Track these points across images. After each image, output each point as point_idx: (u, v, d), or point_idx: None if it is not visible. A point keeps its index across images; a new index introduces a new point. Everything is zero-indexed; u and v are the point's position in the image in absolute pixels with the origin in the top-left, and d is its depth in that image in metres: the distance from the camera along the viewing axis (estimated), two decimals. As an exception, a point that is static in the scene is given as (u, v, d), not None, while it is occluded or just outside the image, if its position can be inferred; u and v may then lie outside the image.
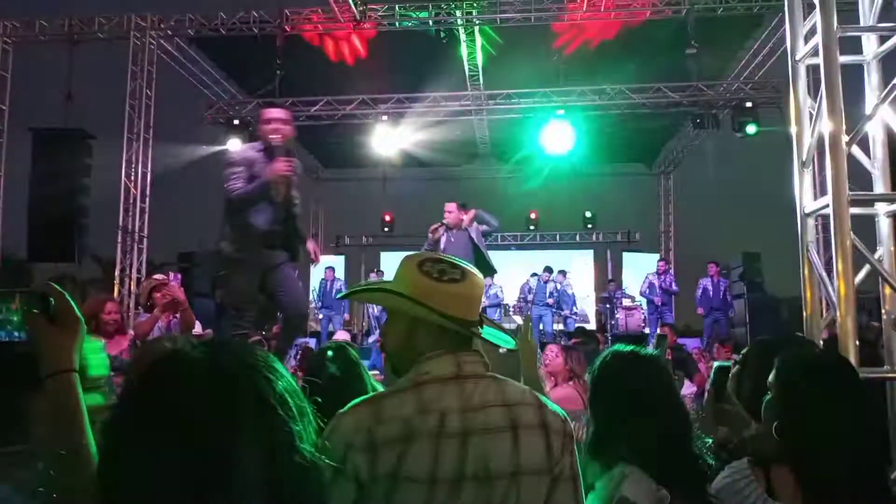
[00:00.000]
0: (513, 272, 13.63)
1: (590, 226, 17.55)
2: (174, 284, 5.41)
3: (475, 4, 10.41)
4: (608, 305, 12.69)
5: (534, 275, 13.35)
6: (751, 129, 11.49)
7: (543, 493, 1.43)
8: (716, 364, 3.04)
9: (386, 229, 17.49)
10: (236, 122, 12.17)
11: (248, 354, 0.85)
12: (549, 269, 13.11)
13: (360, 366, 2.43)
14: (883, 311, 3.03)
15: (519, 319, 11.08)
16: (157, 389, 0.81)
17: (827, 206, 2.94)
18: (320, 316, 13.68)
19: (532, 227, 17.47)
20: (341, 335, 9.96)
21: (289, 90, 11.70)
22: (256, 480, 0.72)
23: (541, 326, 12.45)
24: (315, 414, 0.89)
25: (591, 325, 14.54)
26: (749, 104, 11.57)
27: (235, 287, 4.77)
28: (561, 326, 12.88)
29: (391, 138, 12.46)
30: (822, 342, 3.12)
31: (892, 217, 3.17)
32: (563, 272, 13.42)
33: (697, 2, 10.10)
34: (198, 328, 5.58)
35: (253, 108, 12.65)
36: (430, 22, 10.78)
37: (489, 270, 7.07)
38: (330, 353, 2.45)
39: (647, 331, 12.30)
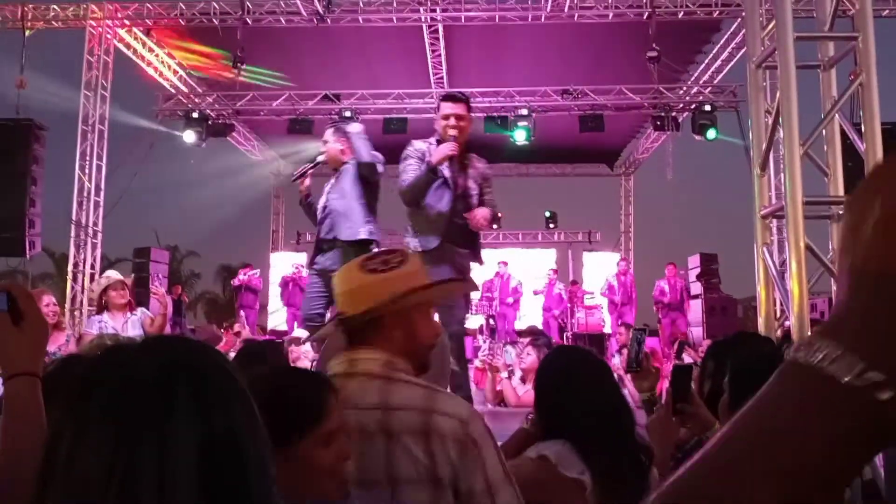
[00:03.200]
0: (475, 270, 13.62)
1: (552, 225, 17.69)
2: (159, 288, 5.40)
3: (439, 2, 10.39)
4: (568, 305, 12.80)
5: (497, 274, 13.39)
6: (711, 134, 11.68)
7: (427, 502, 1.37)
8: (673, 364, 3.08)
9: (348, 226, 17.36)
10: (195, 114, 11.92)
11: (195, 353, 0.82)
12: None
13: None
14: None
15: (480, 319, 11.07)
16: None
17: (782, 208, 2.99)
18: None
19: (494, 226, 17.52)
20: (300, 332, 9.91)
21: (250, 83, 11.52)
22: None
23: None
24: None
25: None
26: (708, 108, 11.77)
27: None
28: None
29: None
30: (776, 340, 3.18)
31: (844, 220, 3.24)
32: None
33: (658, 5, 10.24)
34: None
35: (212, 102, 12.43)
36: (394, 18, 10.73)
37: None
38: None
39: (606, 330, 12.43)
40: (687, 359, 8.12)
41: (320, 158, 4.88)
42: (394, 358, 1.50)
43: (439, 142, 4.03)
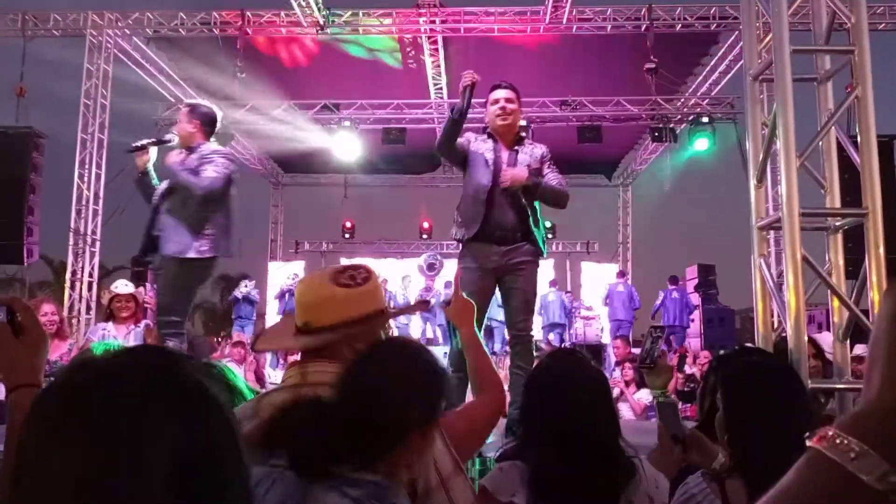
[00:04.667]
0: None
1: (549, 235, 17.71)
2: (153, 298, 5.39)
3: (439, 14, 10.44)
4: (567, 315, 12.79)
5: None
6: (704, 143, 11.72)
7: None
8: (656, 402, 3.03)
9: (347, 235, 17.39)
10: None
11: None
12: None
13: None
14: (832, 323, 3.11)
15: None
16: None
17: (779, 220, 3.00)
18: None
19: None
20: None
21: (250, 93, 11.55)
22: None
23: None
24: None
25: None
26: (706, 119, 11.82)
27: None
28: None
29: (353, 144, 12.40)
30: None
31: (841, 232, 3.25)
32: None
33: (657, 18, 10.31)
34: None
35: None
36: (394, 30, 10.78)
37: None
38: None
39: (604, 341, 12.42)
40: (689, 370, 8.13)
41: (168, 136, 4.36)
42: None
43: (489, 135, 4.03)
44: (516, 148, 4.03)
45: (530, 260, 3.93)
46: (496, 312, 6.68)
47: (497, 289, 3.96)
